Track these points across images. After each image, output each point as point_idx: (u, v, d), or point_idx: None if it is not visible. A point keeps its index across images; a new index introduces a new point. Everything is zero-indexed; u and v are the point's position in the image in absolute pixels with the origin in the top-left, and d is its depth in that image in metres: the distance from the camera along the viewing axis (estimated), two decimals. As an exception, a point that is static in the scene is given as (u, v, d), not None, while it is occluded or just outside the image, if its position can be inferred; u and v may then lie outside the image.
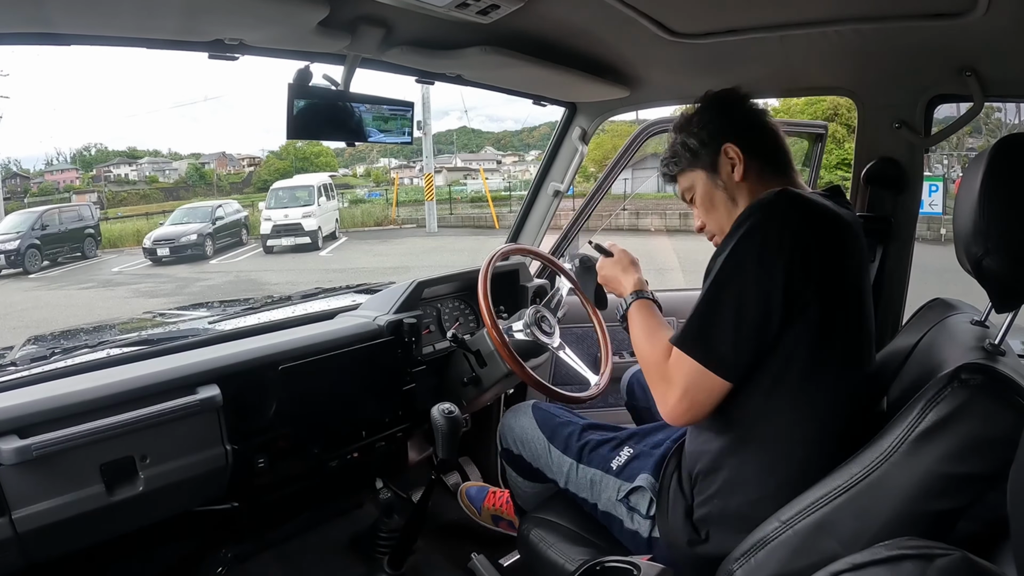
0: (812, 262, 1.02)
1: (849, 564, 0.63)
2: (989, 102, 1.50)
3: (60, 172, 36.30)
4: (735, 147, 1.21)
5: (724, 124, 1.24)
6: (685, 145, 1.27)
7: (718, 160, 1.23)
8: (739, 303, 1.04)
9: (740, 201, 1.22)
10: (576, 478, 1.42)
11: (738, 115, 1.26)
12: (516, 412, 1.61)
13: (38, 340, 1.66)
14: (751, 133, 1.24)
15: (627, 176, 2.64)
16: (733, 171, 1.22)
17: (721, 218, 1.25)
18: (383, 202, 24.26)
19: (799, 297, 1.01)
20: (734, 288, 1.04)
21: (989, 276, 0.91)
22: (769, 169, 1.23)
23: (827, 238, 1.06)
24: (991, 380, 0.84)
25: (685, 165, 1.28)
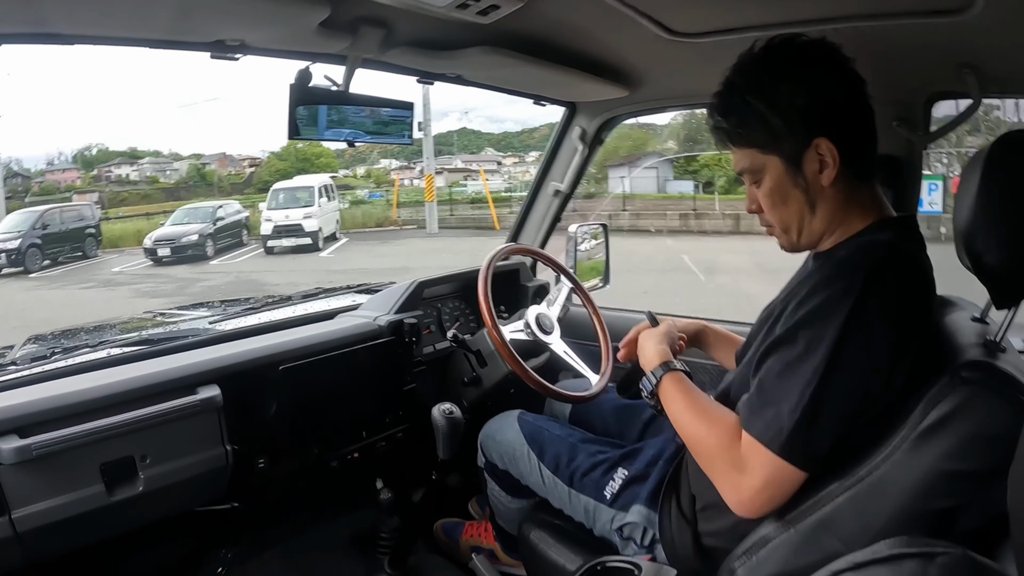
0: (914, 334, 0.93)
1: (850, 563, 0.63)
2: (988, 99, 1.50)
3: (61, 172, 36.28)
4: (832, 146, 0.97)
5: (823, 107, 0.97)
6: (762, 119, 0.99)
7: (804, 154, 0.99)
8: (846, 396, 0.91)
9: (820, 210, 1.02)
10: (570, 503, 1.38)
11: (841, 91, 0.99)
12: (500, 422, 1.57)
13: (38, 339, 1.67)
14: (854, 126, 1.00)
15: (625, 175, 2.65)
16: (821, 173, 0.99)
17: (790, 220, 1.04)
18: (384, 203, 24.28)
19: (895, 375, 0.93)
20: (842, 378, 0.91)
21: (989, 273, 0.91)
22: (859, 176, 1.02)
23: (926, 304, 0.98)
24: (992, 377, 0.84)
25: (756, 143, 1.02)
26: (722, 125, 1.05)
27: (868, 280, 0.91)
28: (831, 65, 0.99)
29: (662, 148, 24.12)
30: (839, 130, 0.97)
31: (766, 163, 1.02)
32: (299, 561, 1.79)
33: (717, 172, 21.03)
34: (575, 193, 2.23)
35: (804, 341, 0.93)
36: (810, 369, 0.91)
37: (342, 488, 1.82)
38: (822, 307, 0.92)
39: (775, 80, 0.98)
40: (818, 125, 0.97)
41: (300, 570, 1.78)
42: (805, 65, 0.99)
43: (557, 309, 1.81)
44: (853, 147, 0.99)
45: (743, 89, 1.01)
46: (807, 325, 0.93)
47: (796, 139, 0.98)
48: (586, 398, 1.60)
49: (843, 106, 0.99)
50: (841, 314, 0.90)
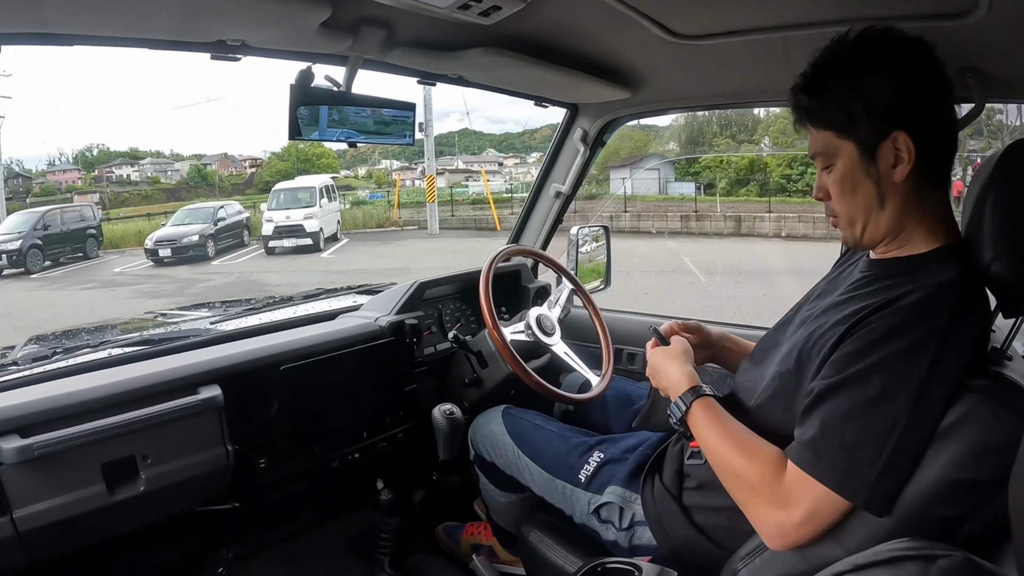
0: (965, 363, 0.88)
1: (851, 565, 0.63)
2: (990, 103, 1.50)
3: (62, 172, 36.37)
4: (910, 141, 0.94)
5: (908, 103, 0.95)
6: (843, 102, 0.97)
7: (881, 145, 0.95)
8: (905, 429, 0.86)
9: (889, 205, 0.98)
10: (549, 489, 1.39)
11: (927, 90, 0.97)
12: (486, 417, 1.59)
13: (40, 340, 1.67)
14: (935, 127, 0.97)
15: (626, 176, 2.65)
16: (895, 168, 0.95)
17: (856, 212, 1.00)
18: (385, 204, 24.29)
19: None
20: (922, 431, 0.86)
21: (996, 281, 0.91)
22: (933, 181, 0.98)
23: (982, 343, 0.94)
24: (998, 385, 0.84)
25: (833, 126, 0.99)
26: (803, 103, 1.03)
27: (953, 325, 0.87)
28: (922, 63, 0.97)
29: (664, 150, 24.15)
30: (919, 128, 0.95)
31: (840, 148, 0.99)
32: (300, 561, 1.79)
33: (718, 174, 21.05)
34: (576, 194, 2.23)
35: (883, 384, 0.87)
36: (891, 416, 0.86)
37: (343, 488, 1.82)
38: (906, 350, 0.87)
39: (864, 67, 0.97)
40: (899, 118, 0.95)
41: (301, 570, 1.78)
42: (895, 58, 0.97)
43: (558, 310, 1.81)
44: (931, 148, 0.96)
45: (830, 71, 1.00)
46: (887, 365, 0.88)
47: (875, 128, 0.95)
48: (587, 399, 1.60)
49: (926, 105, 0.97)
50: (923, 362, 0.86)
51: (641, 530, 1.23)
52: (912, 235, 0.99)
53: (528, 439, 1.47)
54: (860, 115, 0.96)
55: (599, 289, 2.16)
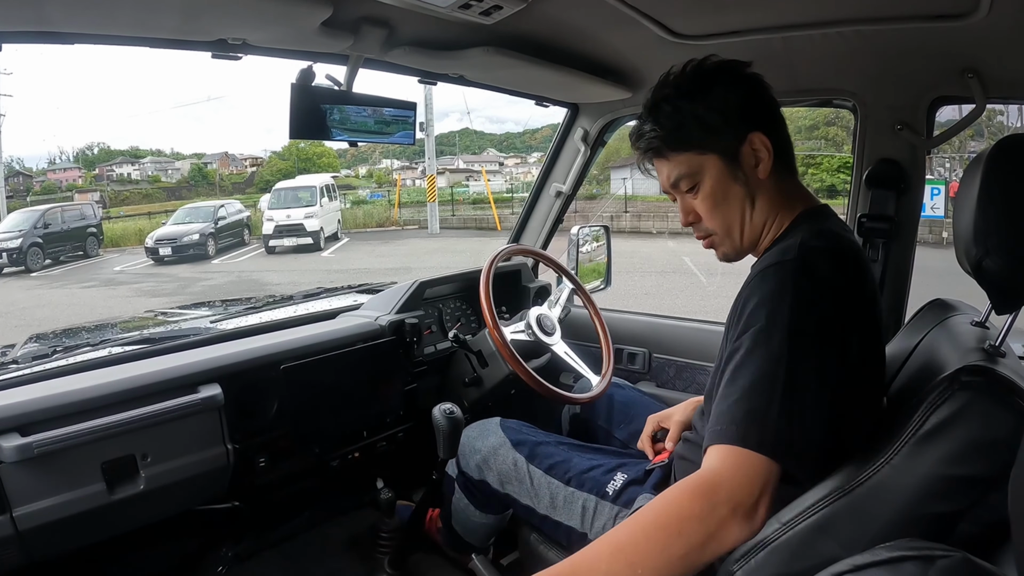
0: (851, 308, 0.94)
1: (850, 565, 0.63)
2: (991, 104, 1.50)
3: (63, 171, 36.40)
4: (765, 139, 1.02)
5: (754, 106, 1.04)
6: (700, 121, 1.02)
7: (741, 149, 1.02)
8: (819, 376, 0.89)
9: (759, 202, 1.05)
10: (564, 504, 1.34)
11: (765, 93, 1.06)
12: (480, 429, 1.53)
13: (40, 338, 1.67)
14: (779, 121, 1.06)
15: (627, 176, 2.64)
16: (758, 167, 1.03)
17: (731, 219, 1.06)
18: (385, 203, 24.31)
19: (848, 352, 0.92)
20: (810, 364, 0.88)
21: (989, 277, 0.91)
22: (786, 164, 1.07)
23: (857, 279, 0.98)
24: (992, 382, 0.84)
25: (694, 145, 1.04)
26: (657, 133, 1.06)
27: (797, 271, 0.92)
28: (753, 75, 1.06)
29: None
30: (769, 125, 1.04)
31: (704, 163, 1.04)
32: (299, 560, 1.79)
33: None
34: (577, 194, 2.23)
35: (752, 339, 0.90)
36: (772, 360, 0.88)
37: (342, 488, 1.82)
38: (760, 305, 0.92)
39: (707, 84, 1.04)
40: (752, 120, 1.02)
41: (300, 569, 1.78)
42: (733, 74, 1.05)
43: (558, 310, 1.81)
44: (780, 140, 1.04)
45: (676, 97, 1.05)
46: (751, 325, 0.92)
47: (733, 134, 1.02)
48: (587, 399, 1.60)
49: (770, 103, 1.06)
50: (784, 304, 0.90)
51: None
52: (781, 221, 1.07)
53: (540, 453, 1.42)
54: (718, 125, 1.02)
55: (599, 289, 2.16)
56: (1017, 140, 0.92)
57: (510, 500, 1.43)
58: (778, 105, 1.08)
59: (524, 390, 1.59)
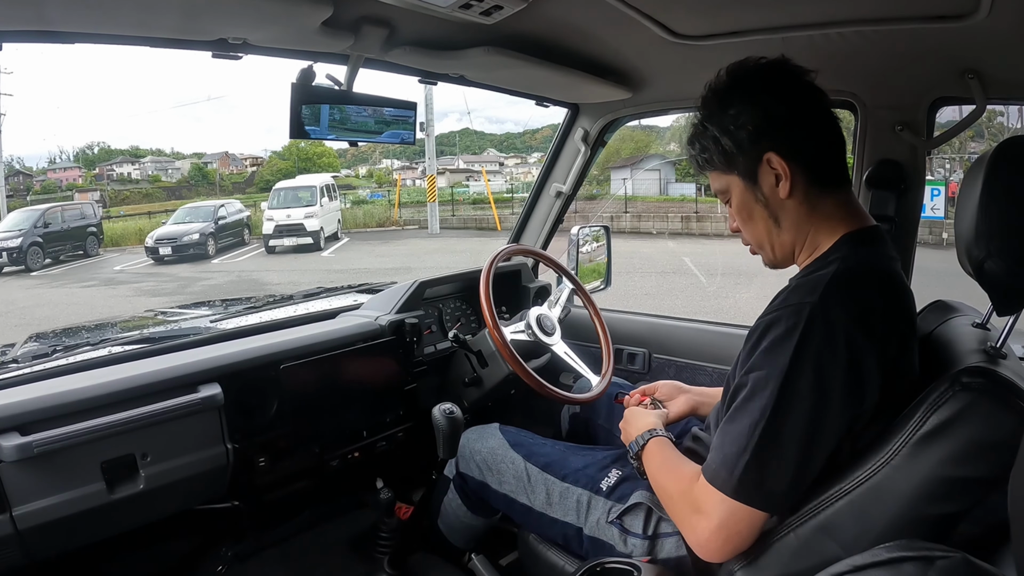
0: (871, 365, 0.92)
1: (850, 566, 0.63)
2: (991, 105, 1.50)
3: (63, 170, 36.40)
4: (780, 158, 1.00)
5: (767, 123, 1.02)
6: (718, 143, 1.05)
7: (758, 169, 1.03)
8: (796, 437, 0.91)
9: (784, 222, 1.05)
10: (560, 500, 1.35)
11: (784, 107, 1.02)
12: (480, 434, 1.55)
13: (40, 338, 1.67)
14: (799, 132, 1.02)
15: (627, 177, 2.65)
16: (778, 186, 1.02)
17: (760, 236, 1.08)
18: (385, 203, 24.32)
19: (862, 410, 0.93)
20: (790, 419, 0.91)
21: (990, 279, 0.91)
22: (821, 185, 1.03)
23: (887, 328, 0.96)
24: (993, 383, 0.84)
25: (717, 165, 1.08)
26: (694, 154, 1.11)
27: (811, 316, 0.91)
28: (775, 83, 1.04)
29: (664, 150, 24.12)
30: (786, 144, 1.01)
31: (730, 183, 1.07)
32: (299, 560, 1.79)
33: (719, 175, 20.98)
34: (577, 194, 2.23)
35: (752, 384, 0.94)
36: (757, 411, 0.92)
37: (342, 487, 1.82)
38: (768, 348, 0.94)
39: (724, 106, 1.05)
40: (764, 141, 1.01)
41: (300, 569, 1.78)
42: (750, 87, 1.04)
43: (558, 310, 1.81)
44: (806, 158, 1.02)
45: (702, 118, 1.08)
46: (755, 368, 0.95)
47: (747, 156, 1.03)
48: (587, 399, 1.60)
49: (788, 120, 1.02)
50: (785, 354, 0.91)
51: (664, 541, 1.21)
52: (817, 240, 1.05)
53: (538, 453, 1.45)
54: (732, 149, 1.04)
55: (599, 289, 2.16)
56: (1018, 142, 0.92)
57: (509, 500, 1.44)
58: (806, 117, 1.03)
59: (524, 390, 1.59)
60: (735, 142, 1.03)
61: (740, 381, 0.97)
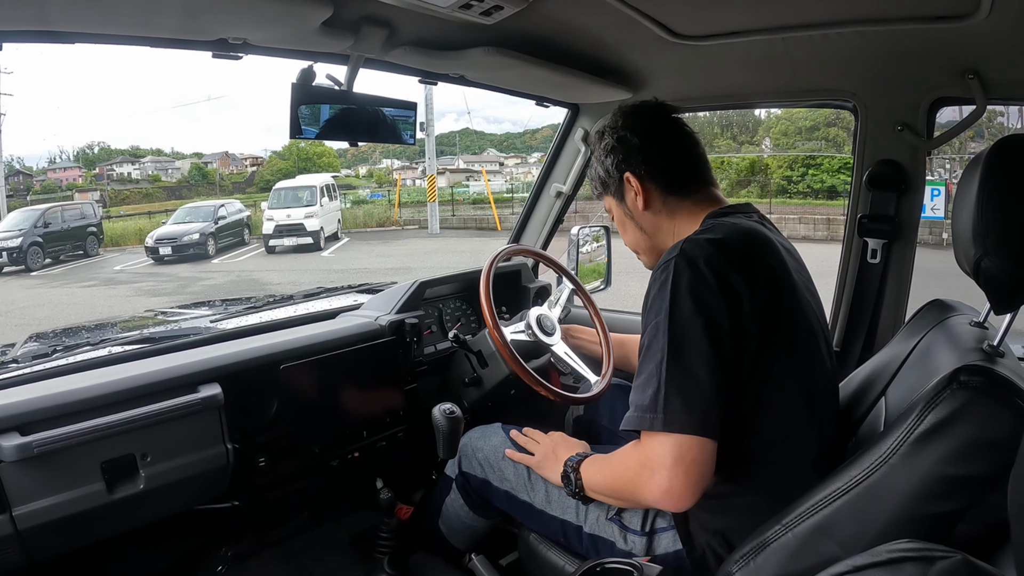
0: (738, 281, 1.03)
1: (849, 566, 0.63)
2: (991, 105, 1.51)
3: (63, 170, 36.39)
4: (634, 176, 1.25)
5: (622, 151, 1.26)
6: (595, 171, 1.34)
7: (623, 189, 1.28)
8: (699, 355, 1.00)
9: (648, 229, 1.28)
10: (559, 498, 1.36)
11: (637, 137, 1.26)
12: (483, 432, 1.56)
13: (40, 338, 1.67)
14: (648, 154, 1.25)
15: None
16: (636, 198, 1.26)
17: (633, 243, 1.34)
18: (385, 203, 24.33)
19: (743, 320, 1.02)
20: (687, 344, 1.00)
21: (988, 278, 0.91)
22: (674, 193, 1.25)
23: (743, 256, 1.07)
24: (990, 382, 0.84)
25: (600, 190, 1.34)
26: (594, 192, 1.39)
27: (677, 262, 1.04)
28: (634, 119, 1.28)
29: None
30: (639, 163, 1.25)
31: (609, 204, 1.35)
32: (299, 560, 1.79)
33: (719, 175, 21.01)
34: (577, 194, 2.23)
35: (647, 337, 1.05)
36: (658, 351, 1.02)
37: (342, 488, 1.82)
38: (650, 306, 1.06)
39: (599, 140, 1.32)
40: (621, 165, 1.27)
41: (300, 569, 1.78)
42: (609, 128, 1.30)
43: (558, 310, 1.81)
44: (655, 175, 1.25)
45: (589, 155, 1.37)
46: (646, 326, 1.06)
47: (613, 179, 1.29)
48: (587, 399, 1.60)
49: (639, 147, 1.25)
50: (664, 298, 1.03)
51: (661, 537, 1.22)
52: (682, 232, 1.19)
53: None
54: (604, 176, 1.31)
55: (599, 289, 2.16)
56: (1016, 141, 0.93)
57: (509, 497, 1.45)
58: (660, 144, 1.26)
59: (524, 390, 1.59)
60: (604, 169, 1.30)
61: (642, 341, 1.07)
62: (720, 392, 1.00)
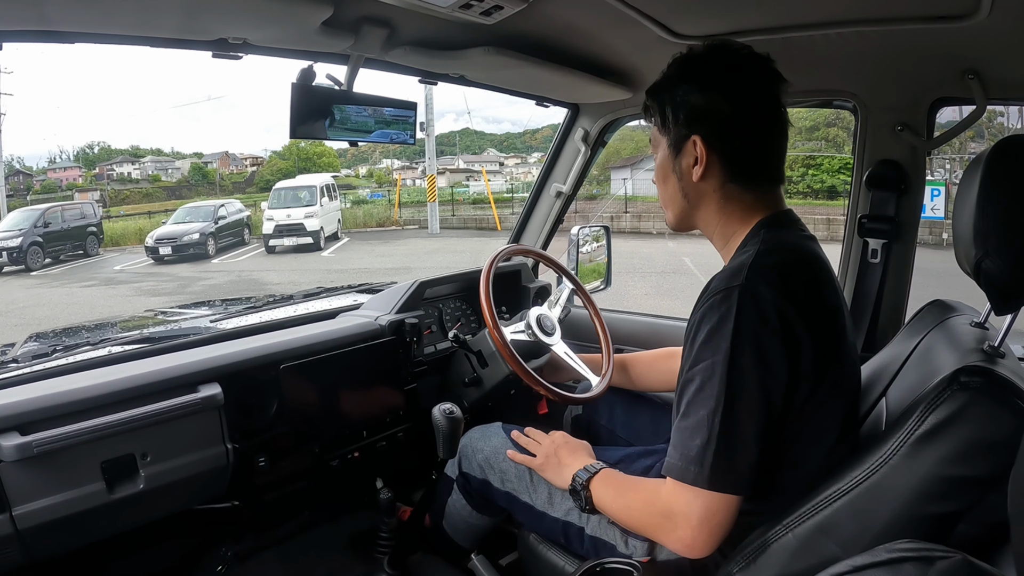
0: (802, 323, 0.96)
1: (850, 566, 0.63)
2: (991, 105, 1.50)
3: (63, 170, 36.43)
4: (703, 145, 1.07)
5: (705, 113, 1.07)
6: (662, 104, 1.13)
7: (683, 145, 1.10)
8: (752, 414, 0.95)
9: (692, 199, 1.13)
10: (561, 499, 1.35)
11: (728, 105, 1.06)
12: (483, 433, 1.55)
13: (40, 337, 1.66)
14: (732, 131, 1.07)
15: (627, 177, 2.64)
16: (694, 166, 1.09)
17: (667, 199, 1.18)
18: (385, 203, 24.33)
19: (800, 372, 0.97)
20: (742, 400, 0.94)
21: (988, 278, 0.91)
22: (738, 182, 1.09)
23: (810, 296, 1.01)
24: (991, 383, 0.84)
25: (657, 122, 1.15)
26: (645, 101, 1.18)
27: (741, 298, 0.95)
28: (733, 80, 1.08)
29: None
30: (716, 136, 1.07)
31: (660, 141, 1.15)
32: (299, 560, 1.79)
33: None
34: (577, 194, 2.23)
35: (700, 376, 0.97)
36: (711, 399, 0.95)
37: (342, 487, 1.82)
38: (707, 339, 0.97)
39: (681, 79, 1.11)
40: (696, 124, 1.08)
41: (300, 569, 1.78)
42: (708, 74, 1.09)
43: (558, 310, 1.81)
44: (730, 155, 1.08)
45: (665, 79, 1.14)
46: (699, 360, 0.98)
47: (678, 129, 1.10)
48: (587, 399, 1.60)
49: (725, 118, 1.07)
50: (725, 340, 0.95)
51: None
52: (730, 228, 1.12)
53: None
54: (670, 117, 1.11)
55: (599, 289, 2.16)
56: (1016, 141, 0.92)
57: (511, 498, 1.44)
58: (750, 119, 1.08)
59: (524, 390, 1.59)
60: (674, 114, 1.11)
61: (686, 377, 1.00)
62: (762, 448, 0.96)
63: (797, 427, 1.00)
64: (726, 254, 1.13)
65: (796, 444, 1.02)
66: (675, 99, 1.10)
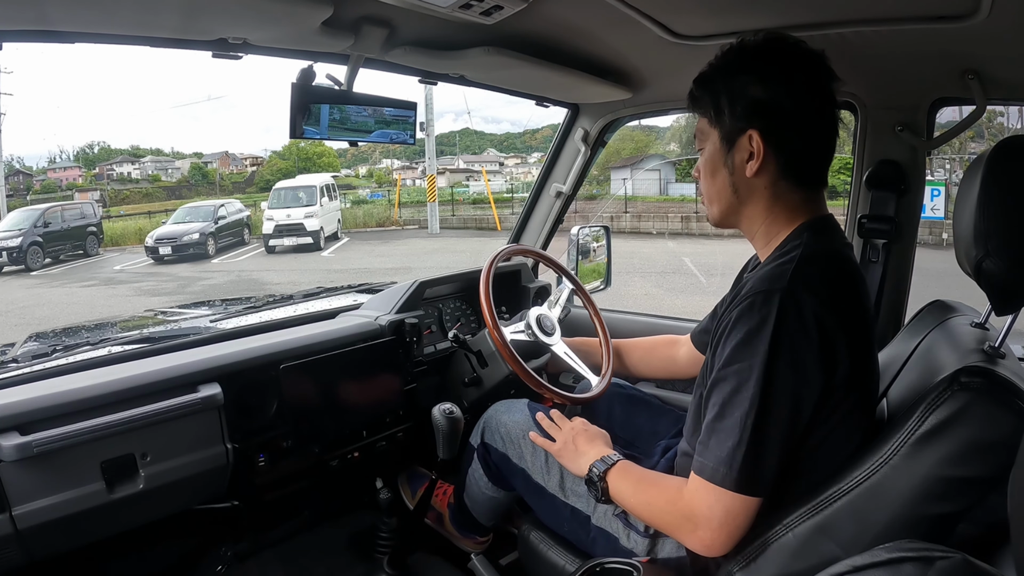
0: (840, 341, 0.96)
1: (849, 566, 0.63)
2: (991, 105, 1.50)
3: (63, 170, 36.45)
4: (760, 140, 1.04)
5: (765, 107, 1.04)
6: (716, 95, 1.08)
7: (738, 139, 1.06)
8: (785, 420, 0.95)
9: (743, 196, 1.09)
10: (572, 485, 1.37)
11: (790, 101, 1.03)
12: (509, 407, 1.57)
13: (40, 337, 1.66)
14: (791, 128, 1.04)
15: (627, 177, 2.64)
16: (748, 161, 1.06)
17: (714, 194, 1.13)
18: (385, 203, 24.33)
19: (835, 382, 0.97)
20: (777, 405, 0.94)
21: (989, 279, 0.91)
22: (789, 179, 1.06)
23: (849, 307, 1.00)
24: (991, 383, 0.84)
25: (708, 113, 1.10)
26: (693, 91, 1.13)
27: (782, 303, 0.94)
28: (795, 76, 1.04)
29: (664, 150, 24.14)
30: (775, 131, 1.04)
31: (709, 134, 1.11)
32: (299, 560, 1.79)
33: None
34: (577, 194, 2.23)
35: (735, 378, 0.97)
36: (746, 402, 0.95)
37: (342, 487, 1.82)
38: (745, 341, 0.96)
39: (739, 69, 1.07)
40: (755, 118, 1.04)
41: (300, 569, 1.78)
42: (770, 67, 1.05)
43: (558, 310, 1.81)
44: (786, 152, 1.05)
45: (718, 69, 1.10)
46: (735, 360, 0.97)
47: (734, 122, 1.06)
48: (587, 399, 1.60)
49: (787, 114, 1.04)
50: (763, 343, 0.94)
51: (664, 541, 1.21)
52: (775, 228, 1.10)
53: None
54: (725, 108, 1.07)
55: (599, 289, 2.16)
56: (1017, 142, 0.93)
57: (524, 476, 1.45)
58: (809, 117, 1.05)
59: (524, 390, 1.59)
60: (731, 106, 1.06)
61: (719, 376, 1.00)
62: (786, 455, 0.97)
63: (819, 436, 0.99)
64: (764, 253, 1.12)
65: (816, 450, 1.01)
66: (732, 91, 1.06)
